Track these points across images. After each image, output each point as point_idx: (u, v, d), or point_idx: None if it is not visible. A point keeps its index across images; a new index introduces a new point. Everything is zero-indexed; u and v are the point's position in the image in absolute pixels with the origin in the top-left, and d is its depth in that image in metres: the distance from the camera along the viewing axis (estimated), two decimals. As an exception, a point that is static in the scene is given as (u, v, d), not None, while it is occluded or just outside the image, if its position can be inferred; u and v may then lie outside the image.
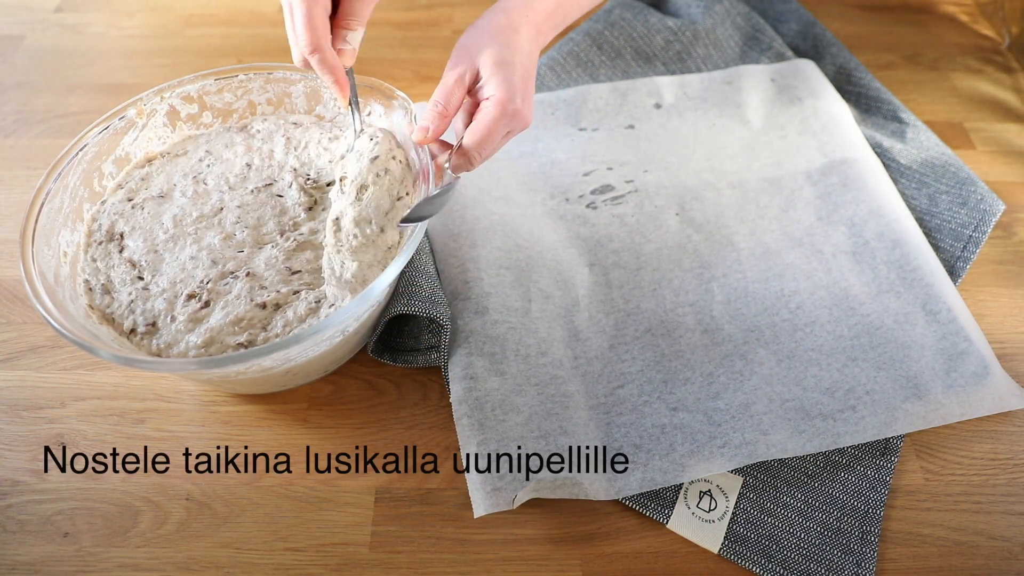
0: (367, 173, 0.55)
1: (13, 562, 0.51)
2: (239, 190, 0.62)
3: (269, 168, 0.63)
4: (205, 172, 0.63)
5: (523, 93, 0.54)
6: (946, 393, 0.57)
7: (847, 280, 0.65)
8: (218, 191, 0.62)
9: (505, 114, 0.53)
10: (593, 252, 0.68)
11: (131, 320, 0.54)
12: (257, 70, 0.65)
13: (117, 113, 0.62)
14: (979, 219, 0.68)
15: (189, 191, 0.62)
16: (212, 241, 0.58)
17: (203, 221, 0.60)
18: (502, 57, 0.54)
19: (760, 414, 0.56)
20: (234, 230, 0.59)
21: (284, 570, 0.51)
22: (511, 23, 0.56)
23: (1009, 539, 0.52)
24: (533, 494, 0.51)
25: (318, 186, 0.62)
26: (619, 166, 0.75)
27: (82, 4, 0.96)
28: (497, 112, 0.53)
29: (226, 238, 0.58)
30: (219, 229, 0.59)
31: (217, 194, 0.61)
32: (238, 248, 0.58)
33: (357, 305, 0.49)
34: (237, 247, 0.58)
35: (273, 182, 0.62)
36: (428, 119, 0.54)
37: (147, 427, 0.57)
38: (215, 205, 0.61)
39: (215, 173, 0.63)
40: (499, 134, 0.53)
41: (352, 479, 0.55)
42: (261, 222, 0.60)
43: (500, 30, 0.56)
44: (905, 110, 0.79)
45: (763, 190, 0.72)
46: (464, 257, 0.63)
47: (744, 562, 0.51)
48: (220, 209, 0.60)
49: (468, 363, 0.57)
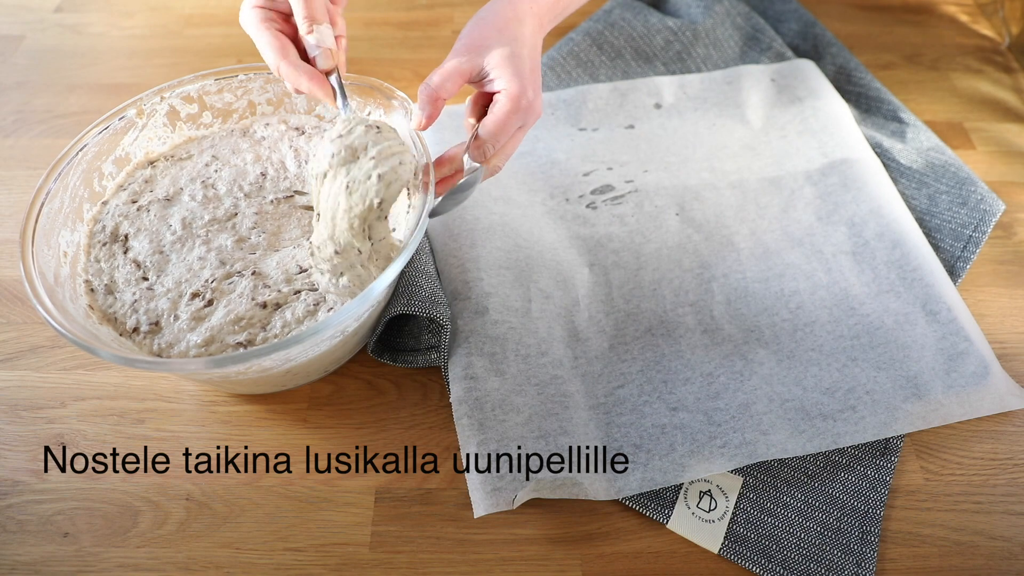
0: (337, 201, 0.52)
1: (13, 562, 0.51)
2: (255, 198, 0.62)
3: (286, 180, 0.64)
4: (214, 177, 0.63)
5: (533, 86, 0.54)
6: (946, 393, 0.57)
7: (847, 280, 0.65)
8: (231, 197, 0.62)
9: (519, 108, 0.53)
10: (593, 252, 0.68)
11: (134, 319, 0.54)
12: (257, 70, 0.65)
13: (117, 113, 0.62)
14: (979, 219, 0.68)
15: (199, 195, 0.62)
16: (224, 243, 0.58)
17: (215, 224, 0.60)
18: (511, 51, 0.54)
19: (760, 414, 0.56)
20: (249, 235, 0.59)
21: (284, 570, 0.51)
22: (516, 15, 0.56)
23: (1009, 539, 0.52)
24: (533, 494, 0.51)
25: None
26: (619, 166, 0.75)
27: (82, 4, 0.96)
28: (511, 106, 0.53)
29: (239, 241, 0.59)
30: (233, 233, 0.59)
31: (230, 199, 0.62)
32: (250, 251, 0.58)
33: (357, 305, 0.49)
34: (250, 249, 0.58)
35: (293, 194, 0.63)
36: (420, 103, 0.54)
37: (147, 427, 0.57)
38: (229, 210, 0.61)
39: (225, 179, 0.63)
40: (512, 127, 0.54)
41: (352, 479, 0.55)
42: (282, 229, 0.60)
43: (507, 22, 0.56)
44: (905, 110, 0.79)
45: (763, 190, 0.72)
46: (464, 257, 0.63)
47: (744, 562, 0.51)
48: (234, 214, 0.61)
49: (468, 363, 0.57)
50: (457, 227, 0.66)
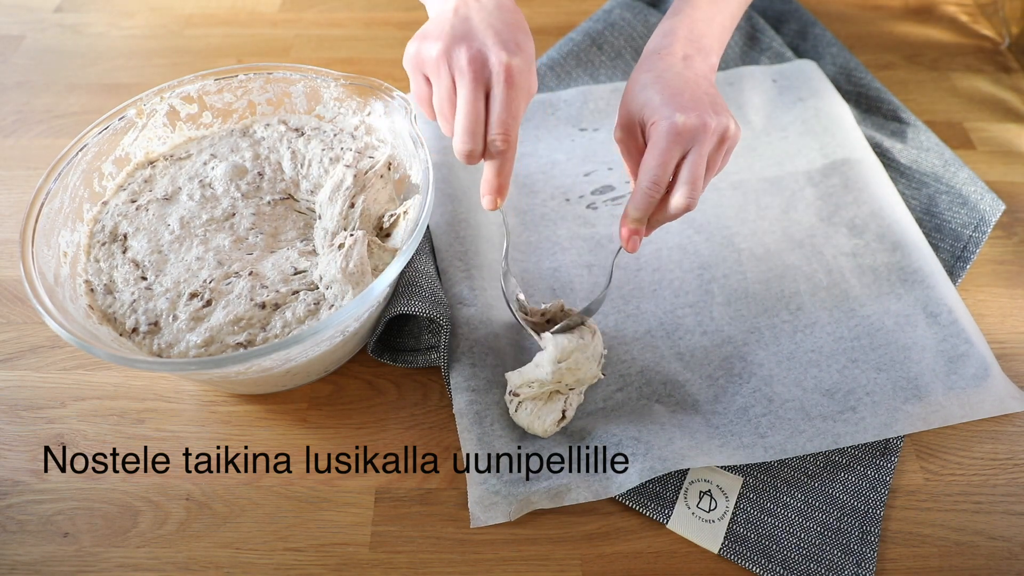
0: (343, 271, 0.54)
1: (13, 562, 0.51)
2: (253, 199, 0.62)
3: (283, 183, 0.64)
4: (211, 175, 0.63)
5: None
6: (946, 395, 0.57)
7: (848, 282, 0.65)
8: (228, 197, 0.62)
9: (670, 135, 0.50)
10: (593, 253, 0.68)
11: (133, 319, 0.54)
12: (257, 70, 0.65)
13: (117, 113, 0.62)
14: (979, 219, 0.68)
15: (196, 195, 0.62)
16: (222, 243, 0.58)
17: (213, 224, 0.60)
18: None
19: (760, 416, 0.56)
20: (247, 235, 0.59)
21: (284, 570, 0.51)
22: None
23: (1009, 539, 0.52)
24: (532, 507, 0.51)
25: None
26: (619, 166, 0.75)
27: (82, 4, 0.96)
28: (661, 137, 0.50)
29: (237, 241, 0.59)
30: (230, 232, 0.59)
31: (228, 199, 0.62)
32: (248, 251, 0.58)
33: (357, 305, 0.49)
34: (247, 250, 0.58)
35: (289, 196, 0.63)
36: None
37: (147, 427, 0.57)
38: (227, 210, 0.61)
39: (221, 178, 0.63)
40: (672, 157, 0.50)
41: (352, 479, 0.55)
42: (279, 230, 0.60)
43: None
44: (905, 110, 0.79)
45: (764, 191, 0.72)
46: (470, 263, 0.63)
47: (744, 562, 0.51)
48: (232, 214, 0.61)
49: (471, 374, 0.57)
50: (463, 230, 0.65)
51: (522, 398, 0.55)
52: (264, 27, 0.93)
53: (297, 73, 0.66)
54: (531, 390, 0.54)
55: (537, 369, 0.54)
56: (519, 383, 0.55)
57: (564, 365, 0.53)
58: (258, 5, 0.96)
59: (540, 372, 0.54)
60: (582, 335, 0.55)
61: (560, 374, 0.53)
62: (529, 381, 0.54)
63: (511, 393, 0.56)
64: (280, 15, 0.95)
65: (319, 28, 0.93)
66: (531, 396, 0.55)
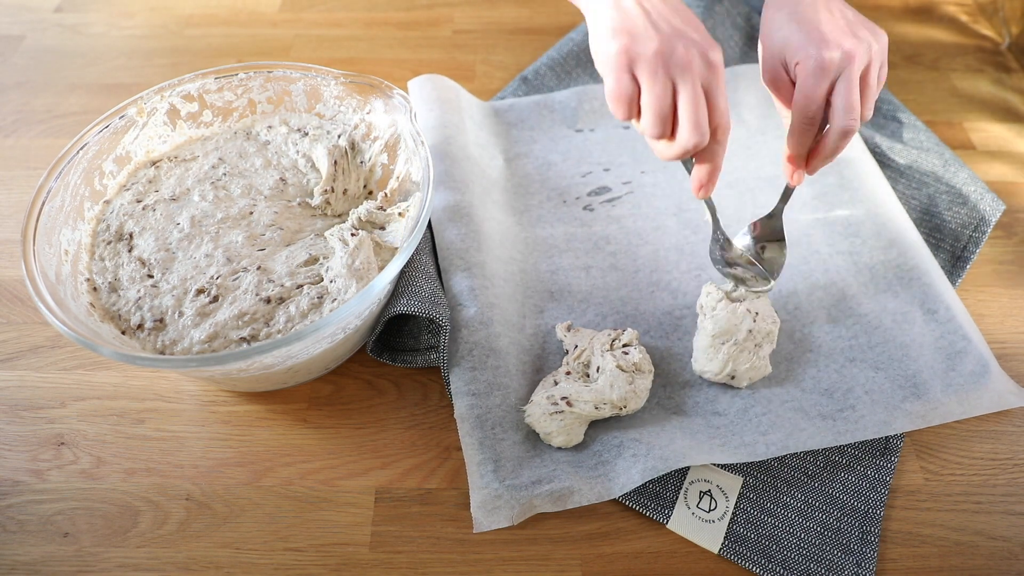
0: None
1: (13, 562, 0.51)
2: (276, 200, 0.62)
3: (307, 184, 0.65)
4: (225, 180, 0.63)
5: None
6: (945, 392, 0.57)
7: (844, 280, 0.65)
8: (247, 198, 0.62)
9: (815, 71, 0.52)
10: (590, 254, 0.67)
11: (138, 316, 0.54)
12: (257, 68, 0.66)
13: (117, 112, 0.62)
14: (979, 219, 0.68)
15: (209, 196, 0.62)
16: (234, 239, 0.58)
17: (228, 222, 0.60)
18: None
19: (759, 416, 0.56)
20: (264, 231, 0.59)
21: (284, 570, 0.51)
22: None
23: (1009, 539, 0.53)
24: (534, 511, 0.51)
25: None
26: (616, 167, 0.75)
27: (82, 4, 0.96)
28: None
29: (251, 237, 0.59)
30: (246, 228, 0.59)
31: (246, 200, 0.62)
32: (259, 247, 0.58)
33: (358, 302, 0.49)
34: (260, 246, 0.58)
35: (314, 203, 0.63)
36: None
37: (147, 427, 0.57)
38: (244, 209, 0.61)
39: (240, 184, 0.63)
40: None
41: (352, 479, 0.55)
42: (302, 227, 0.61)
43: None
44: (905, 110, 0.79)
45: (760, 190, 0.72)
46: (471, 261, 0.62)
47: (744, 562, 0.51)
48: (250, 213, 0.61)
49: (472, 377, 0.56)
50: (464, 228, 0.65)
51: (574, 411, 0.54)
52: (264, 27, 0.93)
53: (297, 72, 0.66)
54: (586, 406, 0.54)
55: (611, 390, 0.54)
56: (587, 398, 0.54)
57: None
58: (258, 5, 0.96)
59: (612, 393, 0.54)
60: (641, 367, 0.57)
61: (625, 399, 0.54)
62: (599, 401, 0.54)
63: (562, 399, 0.54)
64: (280, 15, 0.95)
65: (319, 28, 0.93)
66: (584, 413, 0.54)
